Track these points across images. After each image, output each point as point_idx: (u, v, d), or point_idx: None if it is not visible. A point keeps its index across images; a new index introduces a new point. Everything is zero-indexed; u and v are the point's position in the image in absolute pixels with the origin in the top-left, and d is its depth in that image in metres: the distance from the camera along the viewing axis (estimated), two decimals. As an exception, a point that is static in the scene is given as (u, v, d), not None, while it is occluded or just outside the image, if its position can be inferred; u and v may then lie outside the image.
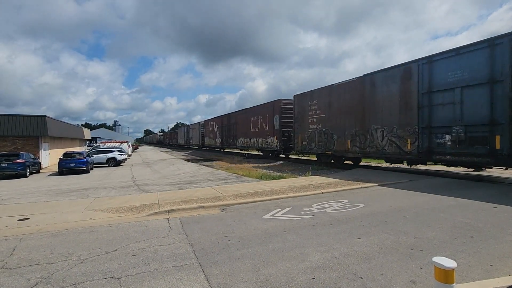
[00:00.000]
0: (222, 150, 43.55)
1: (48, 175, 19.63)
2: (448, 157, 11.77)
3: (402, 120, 13.46)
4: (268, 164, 21.93)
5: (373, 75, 15.20)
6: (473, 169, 14.68)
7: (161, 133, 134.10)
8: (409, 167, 15.49)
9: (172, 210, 7.88)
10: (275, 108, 24.60)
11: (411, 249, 4.72)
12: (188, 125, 62.05)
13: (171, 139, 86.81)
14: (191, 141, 57.72)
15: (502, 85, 9.95)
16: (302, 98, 20.87)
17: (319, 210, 7.50)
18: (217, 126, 41.41)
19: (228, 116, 37.40)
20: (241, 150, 35.56)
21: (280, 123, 23.84)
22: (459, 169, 14.51)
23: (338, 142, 17.45)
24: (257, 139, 27.97)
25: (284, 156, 26.41)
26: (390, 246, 4.85)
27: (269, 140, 25.58)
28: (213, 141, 43.87)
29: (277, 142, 24.32)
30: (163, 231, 6.11)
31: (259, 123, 27.45)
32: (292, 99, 22.35)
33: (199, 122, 52.04)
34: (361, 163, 19.17)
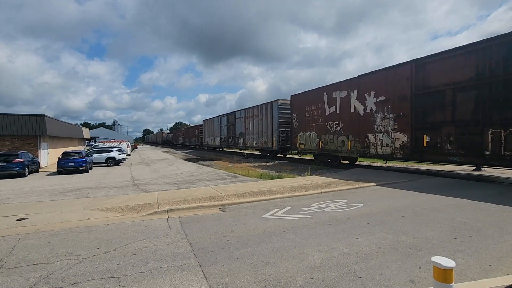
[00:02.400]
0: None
1: (47, 175, 19.59)
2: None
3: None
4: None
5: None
6: (473, 169, 14.71)
7: (168, 131, 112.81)
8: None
9: (171, 210, 7.87)
10: None
11: (410, 248, 4.72)
12: (232, 112, 34.95)
13: (188, 138, 62.90)
14: (241, 141, 31.17)
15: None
16: None
17: (318, 210, 7.50)
18: (377, 98, 14.74)
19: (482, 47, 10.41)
20: None
21: None
22: (458, 169, 14.52)
23: None
24: None
25: None
26: (389, 246, 4.86)
27: None
28: (337, 142, 17.33)
29: None
30: (162, 231, 6.10)
31: None
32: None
33: (268, 103, 25.33)
34: (360, 163, 19.08)
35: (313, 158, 21.18)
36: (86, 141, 51.93)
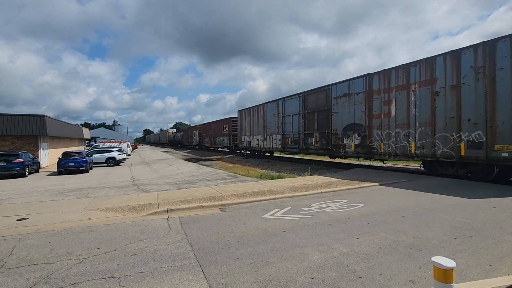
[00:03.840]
0: None
1: (47, 175, 19.59)
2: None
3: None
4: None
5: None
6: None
7: (175, 129, 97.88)
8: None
9: (172, 210, 7.87)
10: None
11: (410, 248, 4.72)
12: (318, 89, 18.97)
13: (208, 137, 45.54)
14: (351, 142, 15.98)
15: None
16: None
17: (318, 210, 7.50)
18: None
19: None
20: None
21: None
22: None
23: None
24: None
25: None
26: (389, 246, 4.85)
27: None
28: None
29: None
30: (162, 231, 6.10)
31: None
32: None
33: (501, 38, 9.43)
34: (360, 163, 19.11)
35: None
36: (86, 141, 51.96)
